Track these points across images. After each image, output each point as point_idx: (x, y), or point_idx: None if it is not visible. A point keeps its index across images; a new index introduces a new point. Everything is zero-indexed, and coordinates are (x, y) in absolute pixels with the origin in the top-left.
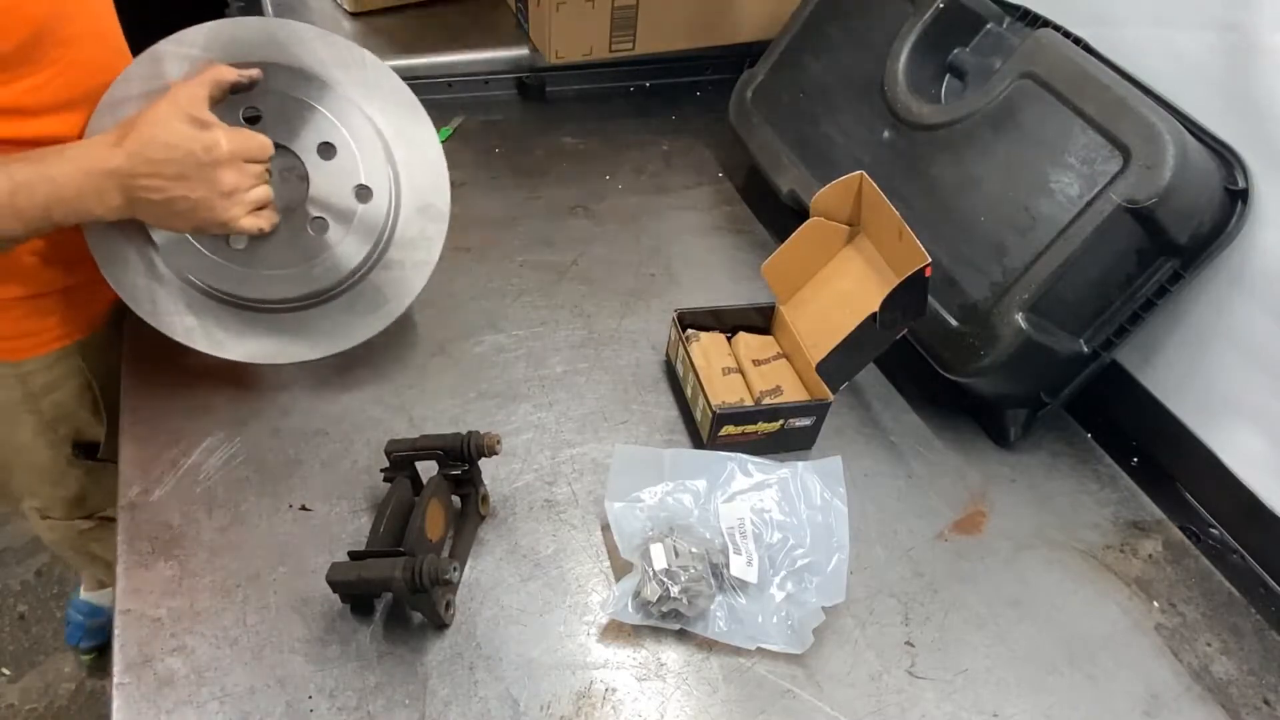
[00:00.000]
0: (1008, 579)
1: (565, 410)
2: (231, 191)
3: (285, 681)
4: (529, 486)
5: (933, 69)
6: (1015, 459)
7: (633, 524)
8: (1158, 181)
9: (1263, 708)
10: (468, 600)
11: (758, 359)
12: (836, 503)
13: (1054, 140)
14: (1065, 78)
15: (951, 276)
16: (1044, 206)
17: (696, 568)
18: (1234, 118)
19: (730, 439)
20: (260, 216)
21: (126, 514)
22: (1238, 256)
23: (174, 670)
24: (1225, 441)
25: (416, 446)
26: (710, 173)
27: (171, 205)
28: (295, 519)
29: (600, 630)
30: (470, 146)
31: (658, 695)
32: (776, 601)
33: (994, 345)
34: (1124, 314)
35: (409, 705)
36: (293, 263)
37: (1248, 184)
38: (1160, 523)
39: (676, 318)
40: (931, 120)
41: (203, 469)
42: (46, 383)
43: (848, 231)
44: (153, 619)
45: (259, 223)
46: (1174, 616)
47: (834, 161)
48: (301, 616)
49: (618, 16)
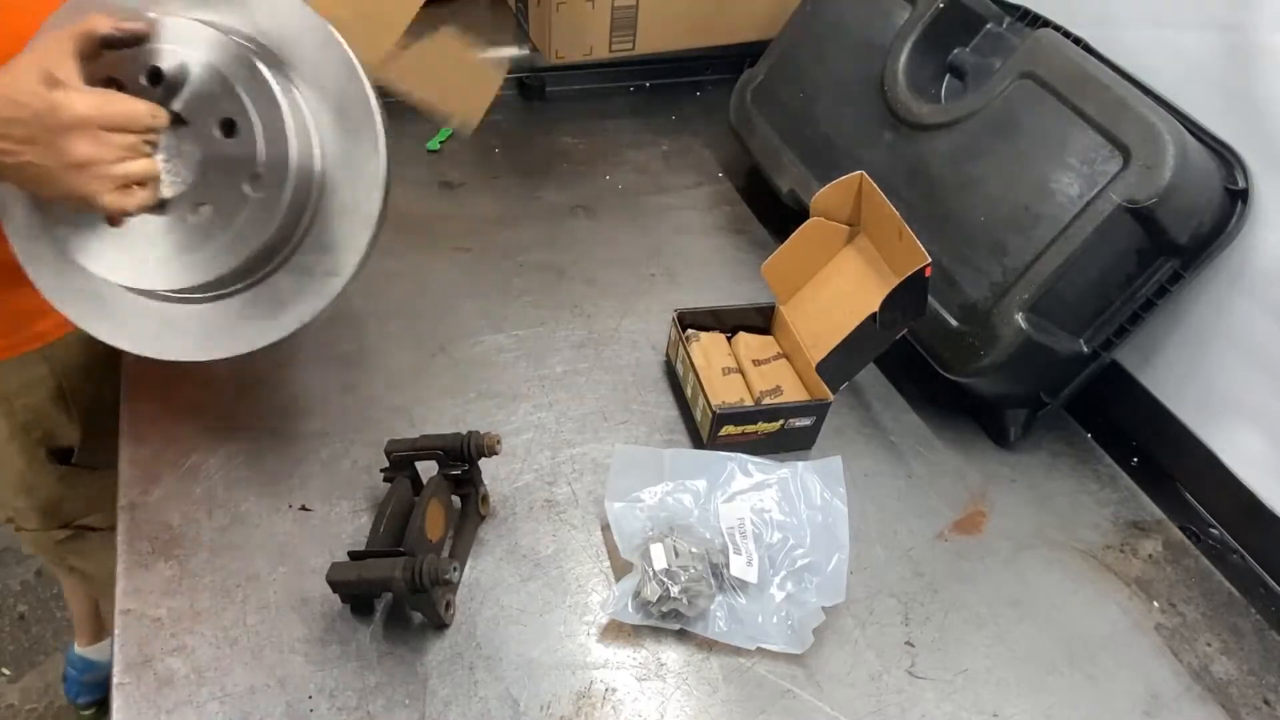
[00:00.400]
0: (1008, 579)
1: (565, 410)
2: (85, 163)
3: (285, 681)
4: (529, 486)
5: (933, 69)
6: (1015, 459)
7: (633, 524)
8: (1158, 181)
9: (1263, 708)
10: (468, 600)
11: (758, 359)
12: (836, 503)
13: (1054, 140)
14: (1065, 78)
15: (951, 276)
16: (1044, 206)
17: (696, 568)
18: (1234, 118)
19: (730, 439)
20: (128, 195)
21: (126, 514)
22: (1238, 256)
23: (174, 670)
24: (1225, 441)
25: (416, 446)
26: (710, 173)
27: (23, 171)
28: (295, 519)
29: (600, 630)
30: (470, 146)
31: (658, 695)
32: (776, 601)
33: (994, 345)
34: (1124, 314)
35: (409, 705)
36: (171, 252)
37: (1248, 184)
38: (1160, 523)
39: (676, 318)
40: (931, 120)
41: (203, 469)
42: (19, 385)
43: (847, 231)
44: (153, 619)
45: (123, 202)
46: (1174, 616)
47: (834, 161)
48: (301, 616)
49: (618, 16)
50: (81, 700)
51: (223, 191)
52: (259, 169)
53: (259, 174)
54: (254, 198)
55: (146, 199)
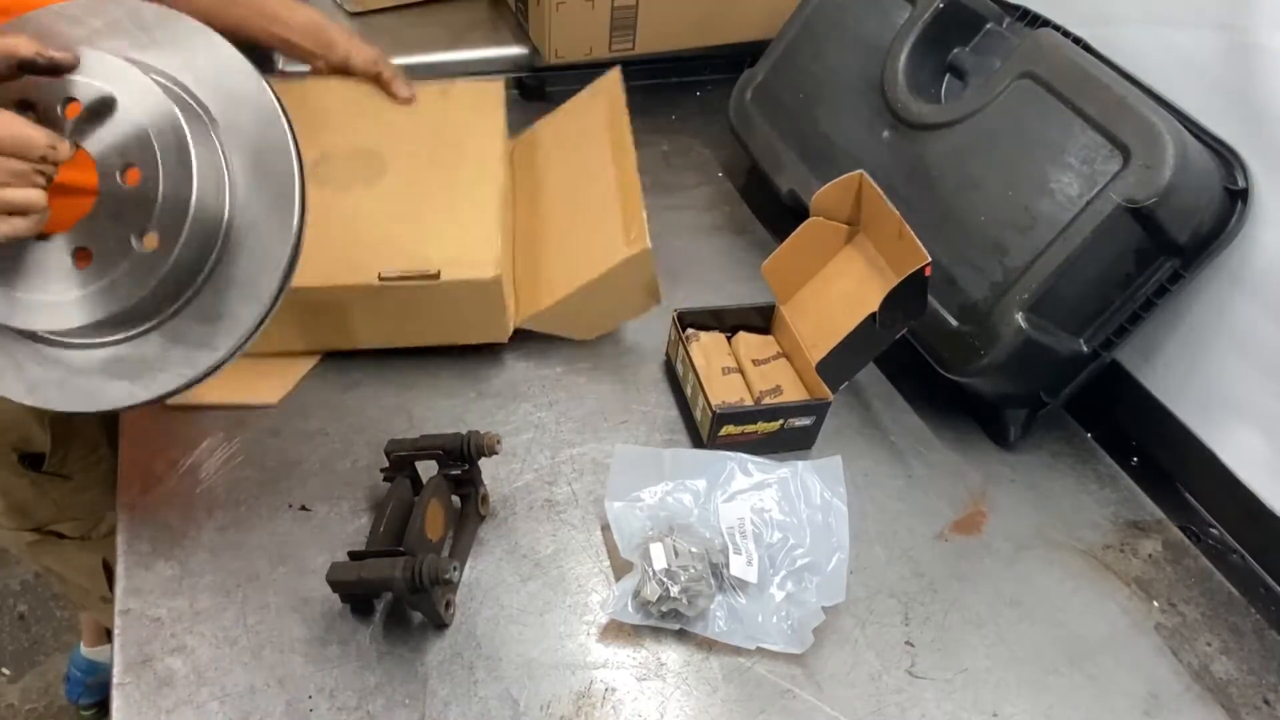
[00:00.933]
0: (1008, 579)
1: (565, 410)
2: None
3: (285, 681)
4: (529, 486)
5: (933, 69)
6: (1015, 459)
7: (633, 524)
8: (1158, 181)
9: (1263, 708)
10: (468, 600)
11: (758, 359)
12: (836, 502)
13: (1054, 140)
14: (1065, 77)
15: (951, 276)
16: (1044, 206)
17: (696, 567)
18: (1234, 118)
19: (730, 439)
20: (2, 221)
21: (126, 514)
22: (1238, 256)
23: (174, 670)
24: (1225, 441)
25: (416, 446)
26: (710, 173)
27: None
28: (295, 519)
29: (600, 630)
30: None
31: (658, 695)
32: (776, 601)
33: (994, 345)
34: (1124, 314)
35: (409, 705)
36: (37, 288)
37: (1248, 184)
38: (1160, 523)
39: (676, 318)
40: (931, 120)
41: (203, 469)
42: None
43: (847, 231)
44: (153, 619)
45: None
46: (1174, 616)
47: (834, 161)
48: (301, 616)
49: (618, 16)
50: (83, 702)
51: (109, 240)
52: (151, 225)
53: (149, 230)
54: (137, 253)
55: (23, 229)
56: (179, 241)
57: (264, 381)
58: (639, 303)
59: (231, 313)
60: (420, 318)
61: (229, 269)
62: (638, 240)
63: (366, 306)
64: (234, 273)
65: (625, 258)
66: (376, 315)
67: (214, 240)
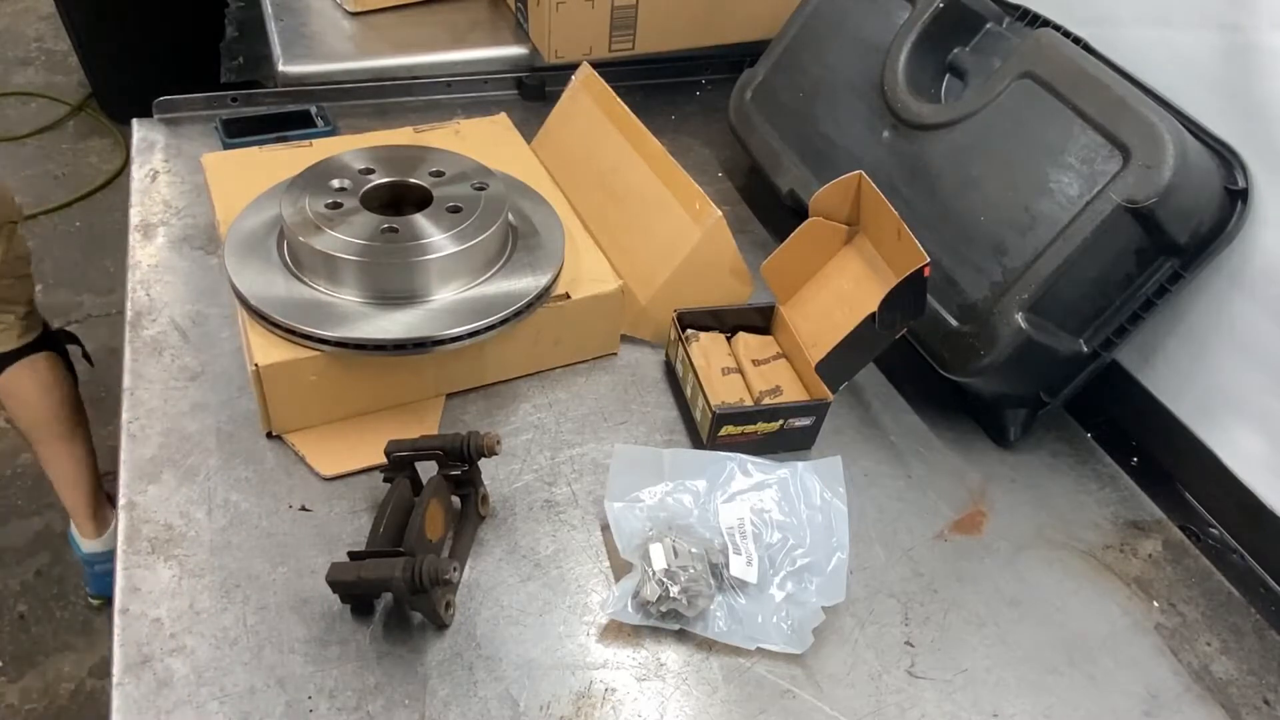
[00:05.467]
0: (1008, 579)
1: (565, 410)
2: None
3: (285, 681)
4: (529, 486)
5: (933, 69)
6: (1015, 459)
7: (632, 524)
8: (1157, 181)
9: (1263, 708)
10: (468, 600)
11: (757, 359)
12: (836, 503)
13: (1054, 140)
14: (1065, 77)
15: (951, 276)
16: (1044, 206)
17: (696, 568)
18: (1234, 118)
19: (730, 439)
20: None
21: (126, 514)
22: (1238, 256)
23: (174, 670)
24: (1225, 441)
25: (416, 446)
26: (710, 173)
27: None
28: (295, 519)
29: (600, 630)
30: None
31: (657, 695)
32: (776, 601)
33: (994, 345)
34: (1124, 314)
35: (409, 705)
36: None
37: (1248, 184)
38: (1160, 523)
39: (676, 318)
40: (931, 120)
41: (203, 469)
42: None
43: (847, 231)
44: (153, 619)
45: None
46: (1174, 616)
47: (834, 161)
48: (301, 616)
49: (617, 16)
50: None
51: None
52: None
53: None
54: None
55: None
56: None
57: (407, 430)
58: (727, 286)
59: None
60: (547, 342)
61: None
62: (705, 212)
63: (499, 341)
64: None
65: (703, 232)
66: (508, 348)
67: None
